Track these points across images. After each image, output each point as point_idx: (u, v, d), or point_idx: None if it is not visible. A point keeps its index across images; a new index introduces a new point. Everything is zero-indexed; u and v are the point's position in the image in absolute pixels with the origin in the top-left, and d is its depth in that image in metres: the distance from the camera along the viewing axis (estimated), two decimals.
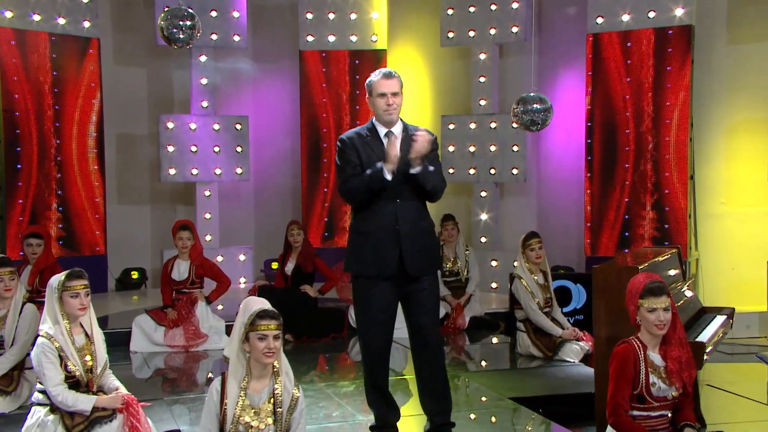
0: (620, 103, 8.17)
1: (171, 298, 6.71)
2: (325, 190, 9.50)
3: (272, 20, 10.07)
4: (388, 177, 3.98)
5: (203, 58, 9.18)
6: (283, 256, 7.22)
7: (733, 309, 4.81)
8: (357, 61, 9.47)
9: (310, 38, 9.45)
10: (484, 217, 9.09)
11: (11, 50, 8.10)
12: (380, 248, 4.05)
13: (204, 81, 9.19)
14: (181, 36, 5.73)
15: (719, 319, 4.46)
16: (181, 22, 5.73)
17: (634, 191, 8.10)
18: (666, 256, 4.47)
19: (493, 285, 8.85)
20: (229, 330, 6.80)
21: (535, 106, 6.44)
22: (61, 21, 8.42)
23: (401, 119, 4.29)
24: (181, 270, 6.74)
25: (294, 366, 3.51)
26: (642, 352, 3.42)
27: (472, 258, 7.54)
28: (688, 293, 4.57)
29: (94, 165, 8.71)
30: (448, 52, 9.62)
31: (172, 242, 9.53)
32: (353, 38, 9.45)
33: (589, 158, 8.37)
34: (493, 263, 8.91)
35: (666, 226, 7.91)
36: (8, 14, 8.06)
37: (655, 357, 3.44)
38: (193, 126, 9.08)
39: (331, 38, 9.45)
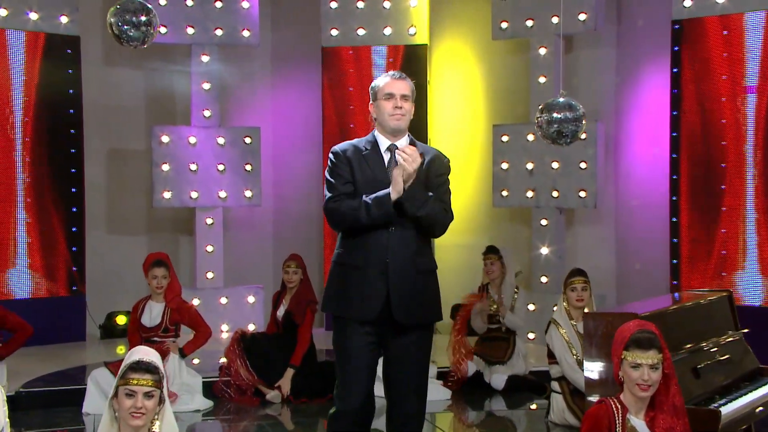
0: (714, 106, 7.82)
1: None
2: None
3: (292, 11, 10.14)
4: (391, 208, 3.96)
5: (205, 59, 9.28)
6: (277, 296, 7.18)
7: None
8: (392, 59, 9.39)
9: (334, 32, 9.44)
10: (545, 251, 8.82)
11: None
12: (365, 285, 4.02)
13: (206, 86, 9.29)
14: (133, 33, 5.77)
15: None
16: (133, 18, 5.78)
17: (732, 219, 7.71)
18: (710, 300, 4.21)
19: None
20: (206, 388, 6.80)
21: (562, 114, 6.20)
22: (33, 16, 8.64)
23: (409, 135, 4.28)
24: (153, 314, 6.75)
25: None
26: (620, 416, 3.34)
27: (521, 301, 7.36)
28: (741, 347, 4.28)
29: (71, 187, 8.87)
30: (503, 46, 9.44)
31: None
32: (387, 31, 9.38)
33: (675, 177, 8.04)
34: (555, 309, 8.60)
35: None
36: None
37: (638, 423, 3.36)
38: (192, 140, 9.17)
39: (361, 32, 9.41)
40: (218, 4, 9.23)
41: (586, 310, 5.97)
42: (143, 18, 5.80)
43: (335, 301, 4.12)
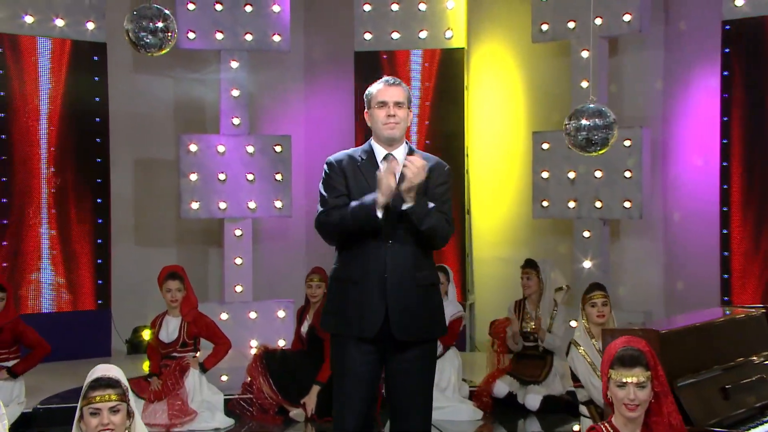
0: None
1: (159, 364, 6.80)
2: None
3: (326, 15, 10.18)
4: (379, 213, 3.96)
5: (234, 65, 9.35)
6: (300, 312, 7.19)
7: None
8: (427, 64, 9.38)
9: (367, 36, 9.45)
10: (587, 264, 8.72)
11: None
12: (363, 301, 4.04)
13: (235, 93, 9.35)
14: (150, 40, 5.85)
15: None
16: (150, 24, 5.86)
17: None
18: (745, 316, 4.12)
19: None
20: (228, 405, 6.83)
21: (591, 121, 6.12)
22: (59, 23, 8.79)
23: (407, 143, 4.31)
24: (170, 329, 6.83)
25: None
26: None
27: (560, 319, 7.27)
28: None
29: (97, 198, 8.99)
30: (543, 49, 9.38)
31: (200, 293, 9.80)
32: (422, 35, 9.37)
33: (725, 187, 7.90)
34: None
35: None
36: None
37: None
38: (221, 149, 9.24)
39: (395, 35, 9.41)
40: (248, 9, 9.29)
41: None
42: (160, 24, 5.88)
43: (333, 318, 4.13)
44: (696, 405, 3.52)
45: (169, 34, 5.94)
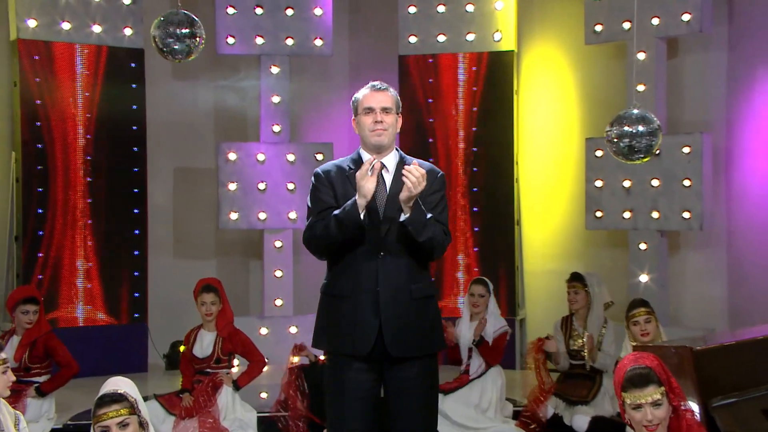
0: None
1: (192, 379, 6.86)
2: None
3: (371, 18, 10.22)
4: (361, 215, 3.97)
5: (275, 70, 9.42)
6: None
7: None
8: (474, 68, 9.36)
9: (412, 39, 9.47)
10: (644, 278, 8.59)
11: (35, 67, 8.72)
12: (356, 316, 4.06)
13: (276, 99, 9.42)
14: (177, 46, 5.93)
15: None
16: (177, 30, 5.93)
17: None
18: None
19: None
20: (262, 423, 6.86)
21: (634, 128, 6.02)
22: (96, 29, 8.96)
23: (398, 150, 4.34)
24: (204, 344, 6.88)
25: None
26: None
27: (609, 336, 7.14)
28: None
29: (133, 208, 9.12)
30: (599, 51, 9.28)
31: (240, 307, 9.85)
32: (470, 37, 9.36)
33: None
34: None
35: None
36: (31, 23, 8.68)
37: None
38: (261, 157, 9.31)
39: (441, 38, 9.42)
40: (289, 12, 9.36)
41: None
42: (186, 30, 5.94)
43: (325, 335, 4.15)
44: (733, 426, 3.43)
45: (197, 39, 6.01)
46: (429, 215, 4.02)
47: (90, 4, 8.92)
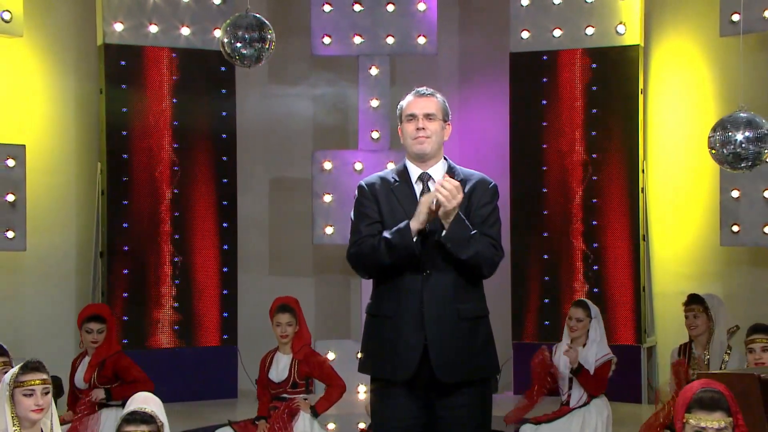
0: None
1: (268, 406, 7.19)
2: (545, 256, 9.49)
3: (483, 12, 10.37)
4: (415, 241, 4.09)
5: (374, 71, 9.71)
6: None
7: None
8: (594, 65, 9.43)
9: (525, 34, 9.60)
10: None
11: (121, 72, 9.24)
12: (399, 339, 4.18)
13: (375, 103, 9.69)
14: (246, 51, 6.24)
15: None
16: (246, 35, 6.24)
17: None
18: None
19: None
20: None
21: (740, 133, 5.99)
22: (185, 31, 9.43)
23: (447, 159, 4.45)
24: (279, 367, 7.21)
25: None
26: None
27: (733, 364, 7.12)
28: None
29: (222, 222, 9.54)
30: (736, 44, 9.15)
31: (340, 329, 10.11)
32: (589, 31, 9.43)
33: None
34: None
35: None
36: (118, 27, 9.22)
37: None
38: (358, 166, 9.59)
39: (557, 32, 9.52)
40: (390, 8, 9.61)
41: None
42: (255, 35, 6.25)
43: (369, 359, 4.27)
44: None
45: (267, 44, 6.31)
46: (474, 231, 4.15)
47: (178, 6, 9.39)
